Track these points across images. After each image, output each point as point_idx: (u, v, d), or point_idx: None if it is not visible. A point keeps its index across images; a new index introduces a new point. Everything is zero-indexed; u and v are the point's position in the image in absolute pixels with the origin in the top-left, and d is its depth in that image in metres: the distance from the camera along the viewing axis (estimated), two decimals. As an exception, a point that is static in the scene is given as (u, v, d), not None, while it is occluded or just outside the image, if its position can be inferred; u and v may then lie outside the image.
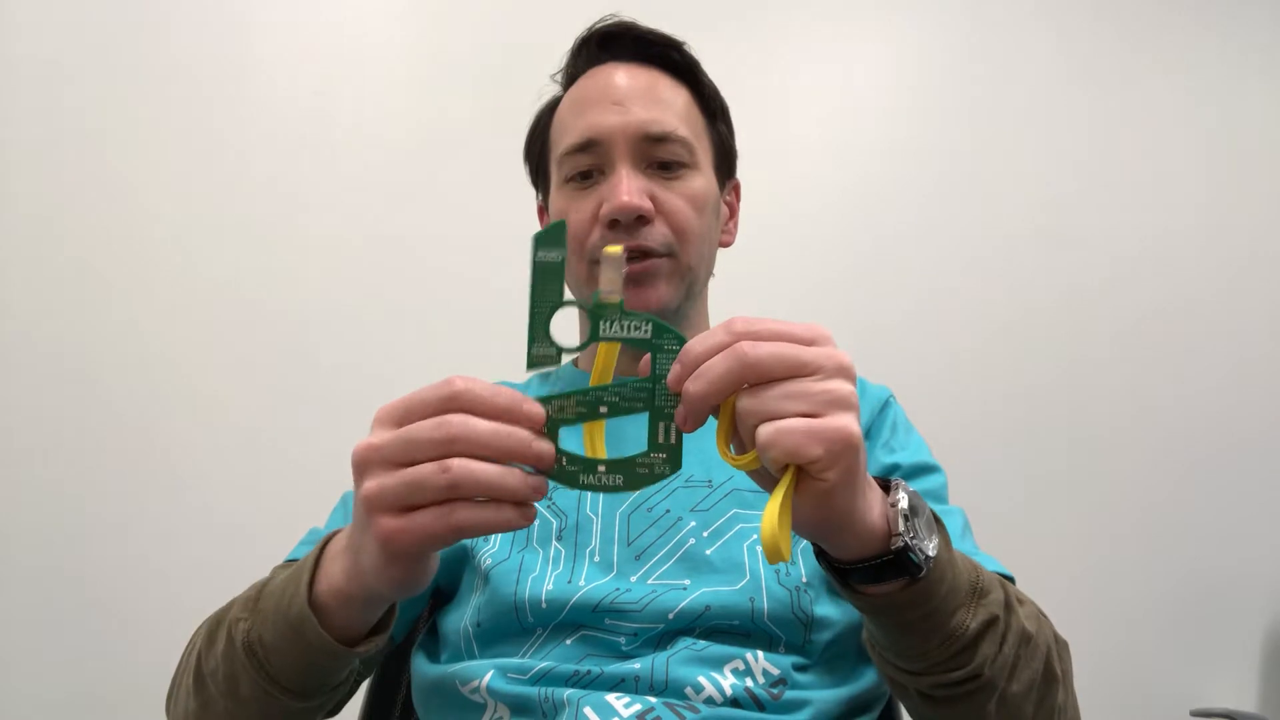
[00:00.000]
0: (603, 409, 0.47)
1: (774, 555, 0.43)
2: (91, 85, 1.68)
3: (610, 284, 0.48)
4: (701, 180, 0.81)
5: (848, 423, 0.44)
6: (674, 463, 0.47)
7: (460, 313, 1.73)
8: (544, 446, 0.45)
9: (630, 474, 0.47)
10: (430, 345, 1.70)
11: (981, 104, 2.02)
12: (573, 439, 0.48)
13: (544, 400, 0.47)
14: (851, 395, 0.45)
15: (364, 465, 0.46)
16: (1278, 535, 2.01)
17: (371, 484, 0.46)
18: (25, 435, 1.60)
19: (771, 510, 0.44)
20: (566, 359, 0.48)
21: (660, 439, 0.46)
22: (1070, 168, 2.03)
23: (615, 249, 0.49)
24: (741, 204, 0.93)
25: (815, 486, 0.45)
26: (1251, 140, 2.11)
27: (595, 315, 0.48)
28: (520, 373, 0.94)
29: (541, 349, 0.47)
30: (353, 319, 1.71)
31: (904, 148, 1.98)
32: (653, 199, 0.77)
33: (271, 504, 1.39)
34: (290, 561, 0.70)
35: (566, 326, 0.49)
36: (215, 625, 0.61)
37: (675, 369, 0.46)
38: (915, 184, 1.97)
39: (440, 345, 1.69)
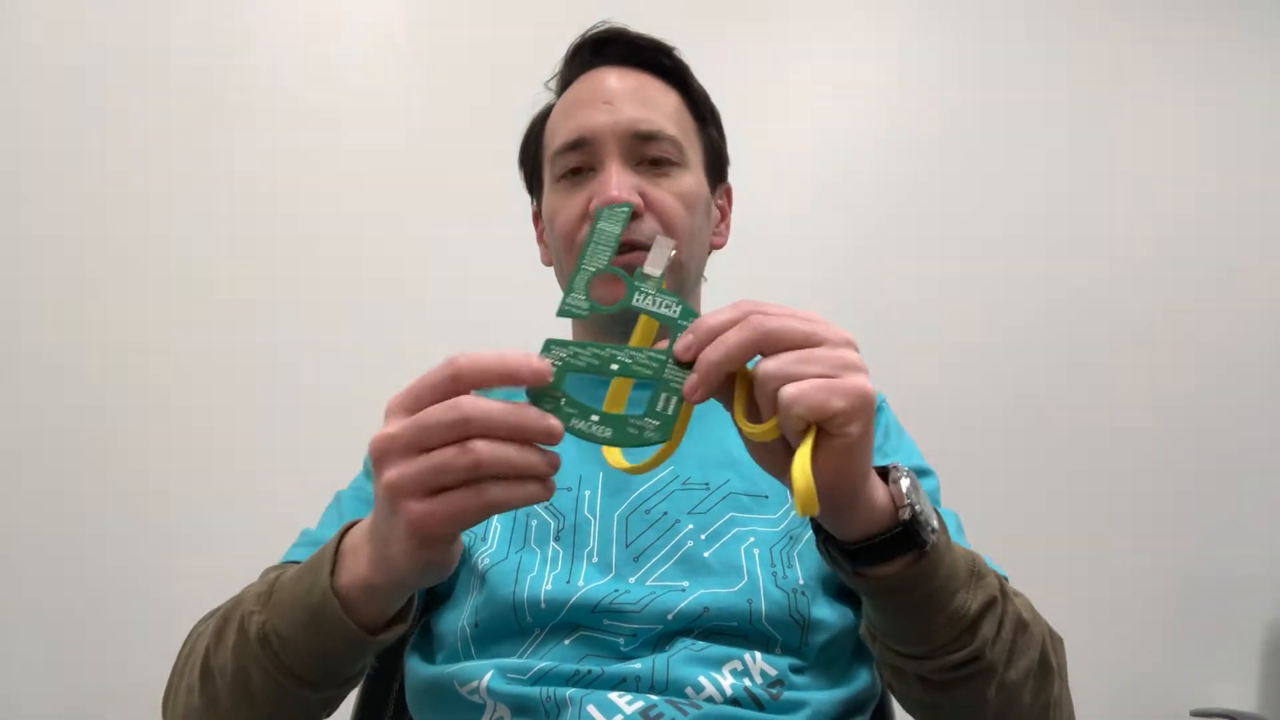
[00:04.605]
0: (614, 366, 0.50)
1: (808, 505, 0.44)
2: (89, 86, 1.69)
3: (655, 264, 0.53)
4: (691, 179, 0.82)
5: (863, 381, 0.47)
6: (664, 431, 0.48)
7: (458, 312, 1.73)
8: (554, 424, 0.46)
9: (620, 430, 0.48)
10: (424, 347, 1.69)
11: (981, 104, 2.02)
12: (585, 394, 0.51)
13: (561, 344, 0.49)
14: (860, 361, 0.48)
15: (382, 455, 0.47)
16: (1278, 535, 2.01)
17: (392, 472, 0.46)
18: (17, 440, 1.60)
19: (804, 459, 0.45)
20: (593, 316, 0.53)
21: (659, 408, 0.48)
22: (1072, 167, 2.03)
23: (671, 240, 0.54)
24: (734, 207, 0.94)
25: (836, 444, 0.47)
26: (1257, 139, 2.11)
27: (632, 286, 0.52)
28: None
29: (575, 300, 0.53)
30: (349, 322, 1.71)
31: (901, 150, 1.98)
32: (642, 195, 0.78)
33: (264, 507, 1.39)
34: (288, 563, 0.70)
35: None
36: (223, 622, 0.60)
37: (686, 338, 0.49)
38: (913, 186, 1.97)
39: (435, 346, 1.69)
